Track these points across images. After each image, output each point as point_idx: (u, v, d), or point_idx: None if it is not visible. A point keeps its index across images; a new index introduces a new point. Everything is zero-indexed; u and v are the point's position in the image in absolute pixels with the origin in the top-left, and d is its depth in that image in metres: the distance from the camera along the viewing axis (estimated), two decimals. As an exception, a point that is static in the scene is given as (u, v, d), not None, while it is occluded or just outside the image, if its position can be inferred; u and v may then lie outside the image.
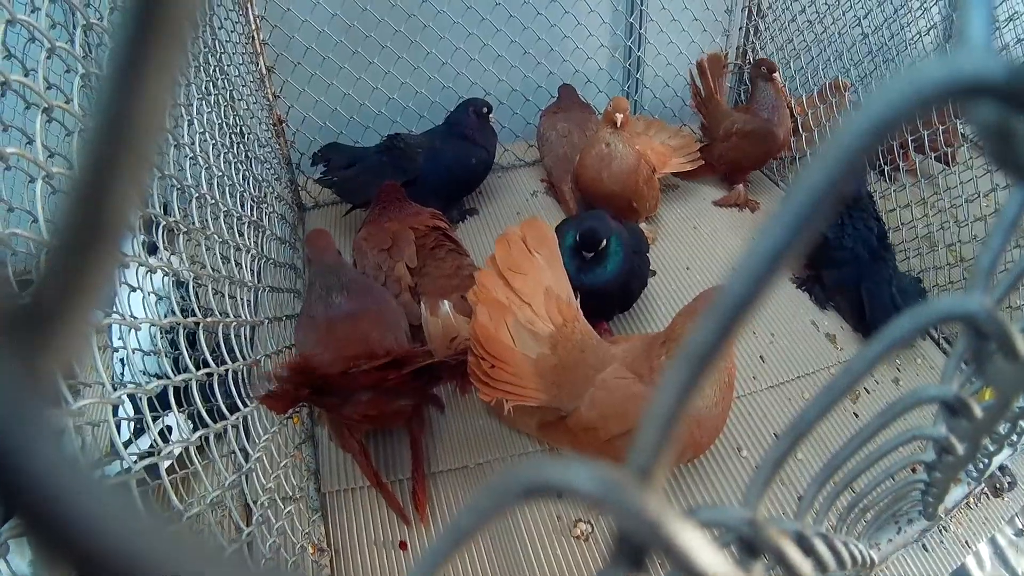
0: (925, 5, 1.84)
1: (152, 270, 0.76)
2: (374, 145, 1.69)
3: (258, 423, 0.98)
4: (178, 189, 0.89)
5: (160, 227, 0.82)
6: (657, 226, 1.77)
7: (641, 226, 1.59)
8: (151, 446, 0.74)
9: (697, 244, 1.72)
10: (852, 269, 1.50)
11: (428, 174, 1.60)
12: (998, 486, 1.15)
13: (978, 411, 0.26)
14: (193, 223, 0.94)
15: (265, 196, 1.40)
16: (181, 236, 0.91)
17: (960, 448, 0.32)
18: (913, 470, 0.55)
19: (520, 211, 1.80)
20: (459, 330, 1.24)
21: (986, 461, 0.65)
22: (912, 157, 1.77)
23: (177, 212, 0.87)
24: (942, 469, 0.40)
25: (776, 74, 1.77)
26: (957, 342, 0.28)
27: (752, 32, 2.09)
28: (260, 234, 1.29)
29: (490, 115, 1.67)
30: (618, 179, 1.56)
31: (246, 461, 0.90)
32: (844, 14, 1.87)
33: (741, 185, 1.90)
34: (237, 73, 1.42)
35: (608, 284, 1.31)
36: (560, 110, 1.83)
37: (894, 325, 0.22)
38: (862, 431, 0.28)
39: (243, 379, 0.98)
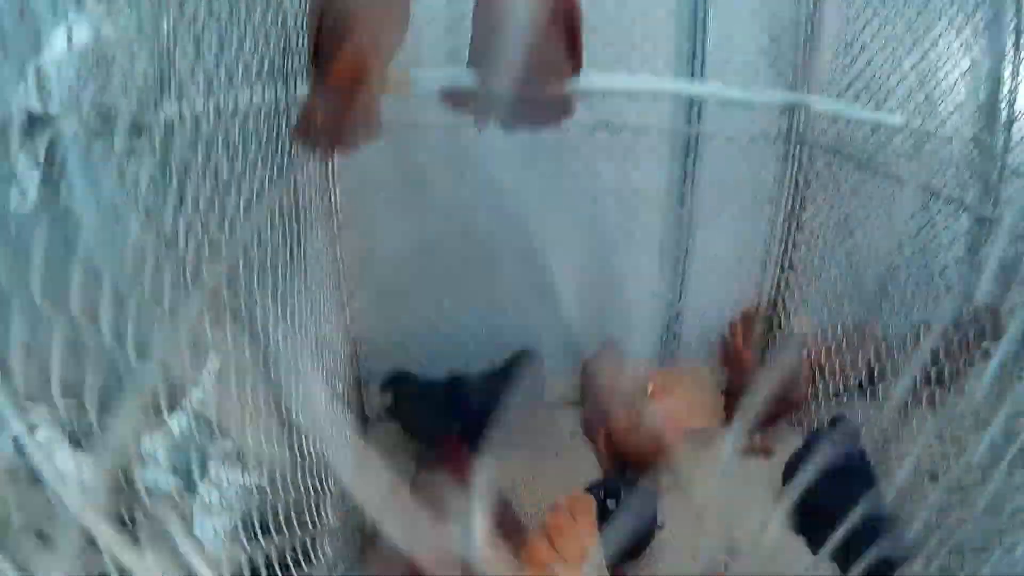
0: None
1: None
2: (439, 381, 1.93)
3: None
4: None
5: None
6: (676, 479, 1.95)
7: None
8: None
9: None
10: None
11: (483, 417, 1.83)
12: None
13: None
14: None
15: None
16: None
17: None
18: None
19: (558, 451, 2.00)
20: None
21: None
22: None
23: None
24: None
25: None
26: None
27: (783, 284, 2.32)
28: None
29: (543, 366, 1.91)
30: (646, 442, 1.78)
31: None
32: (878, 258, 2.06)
33: (758, 435, 2.09)
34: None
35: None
36: (603, 364, 2.06)
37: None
38: None
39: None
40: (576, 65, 1.30)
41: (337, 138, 1.18)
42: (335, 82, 1.15)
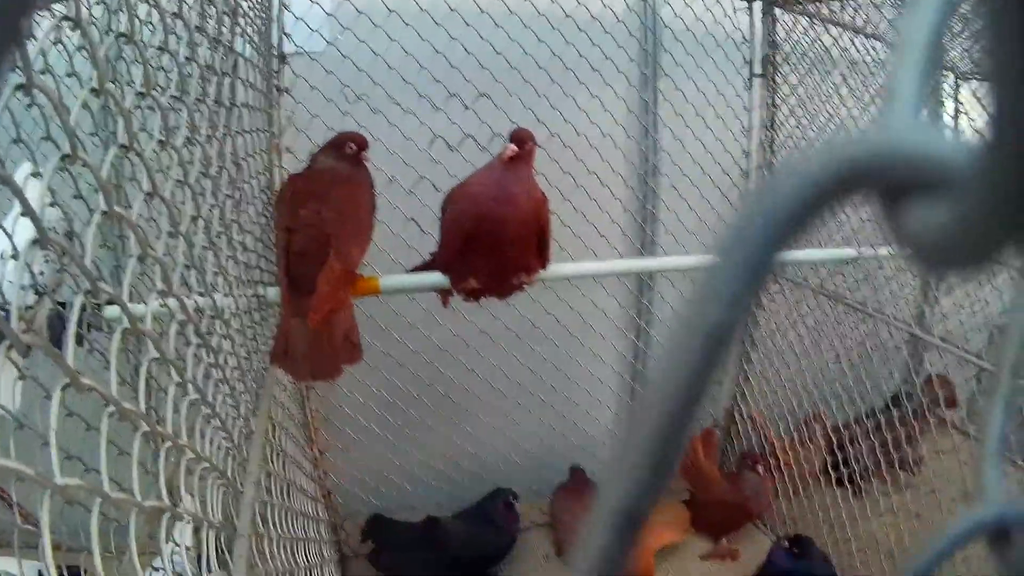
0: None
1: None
2: (415, 523, 1.96)
3: None
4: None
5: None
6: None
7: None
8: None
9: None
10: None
11: (463, 556, 1.88)
12: None
13: None
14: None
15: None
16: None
17: None
18: None
19: (533, 571, 2.07)
20: None
21: None
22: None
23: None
24: None
25: (759, 465, 2.09)
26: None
27: (739, 396, 2.42)
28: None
29: (516, 502, 1.97)
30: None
31: None
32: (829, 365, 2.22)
33: (724, 539, 2.17)
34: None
35: None
36: (573, 491, 2.11)
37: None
38: None
39: None
40: (544, 263, 1.36)
41: (320, 368, 1.20)
42: (316, 317, 1.17)
